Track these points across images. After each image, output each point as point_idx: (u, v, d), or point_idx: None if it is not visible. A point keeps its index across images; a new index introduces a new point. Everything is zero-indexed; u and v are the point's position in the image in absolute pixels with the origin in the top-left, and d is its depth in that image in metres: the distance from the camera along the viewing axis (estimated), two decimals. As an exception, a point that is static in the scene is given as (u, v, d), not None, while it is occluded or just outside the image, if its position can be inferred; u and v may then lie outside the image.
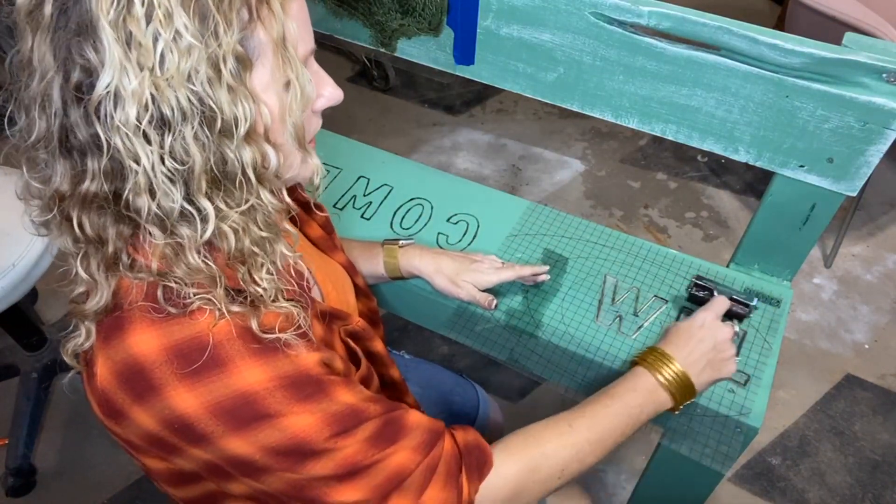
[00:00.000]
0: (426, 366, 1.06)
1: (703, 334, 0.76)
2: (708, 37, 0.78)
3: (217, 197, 0.47)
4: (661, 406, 0.73)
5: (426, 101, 2.43)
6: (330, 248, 0.80)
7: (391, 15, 0.97)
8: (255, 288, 0.51)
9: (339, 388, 0.54)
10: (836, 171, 0.81)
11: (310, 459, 0.52)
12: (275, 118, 0.49)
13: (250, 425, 0.49)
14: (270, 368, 0.50)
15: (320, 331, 0.61)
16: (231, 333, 0.50)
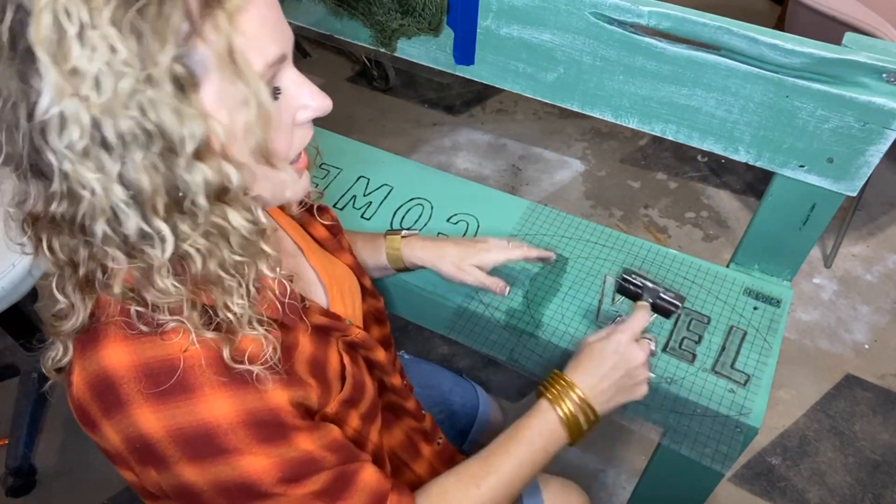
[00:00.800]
0: (426, 366, 1.06)
1: (616, 361, 0.72)
2: (708, 37, 0.78)
3: (177, 218, 0.46)
4: (563, 443, 0.72)
5: (426, 101, 2.43)
6: (336, 249, 0.79)
7: (391, 15, 0.97)
8: (226, 314, 0.50)
9: (302, 434, 0.53)
10: (836, 171, 0.81)
11: (256, 500, 0.52)
12: (232, 136, 0.47)
13: (206, 458, 0.49)
14: (238, 402, 0.50)
15: (310, 349, 0.60)
16: (203, 360, 0.49)
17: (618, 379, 0.72)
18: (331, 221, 0.79)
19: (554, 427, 0.71)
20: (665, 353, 0.88)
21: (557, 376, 0.73)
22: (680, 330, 0.91)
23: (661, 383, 0.85)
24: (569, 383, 0.71)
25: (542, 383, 0.74)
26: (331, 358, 0.63)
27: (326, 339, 0.63)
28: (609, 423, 1.49)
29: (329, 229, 0.78)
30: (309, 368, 0.59)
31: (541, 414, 0.72)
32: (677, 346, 0.89)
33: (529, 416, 0.72)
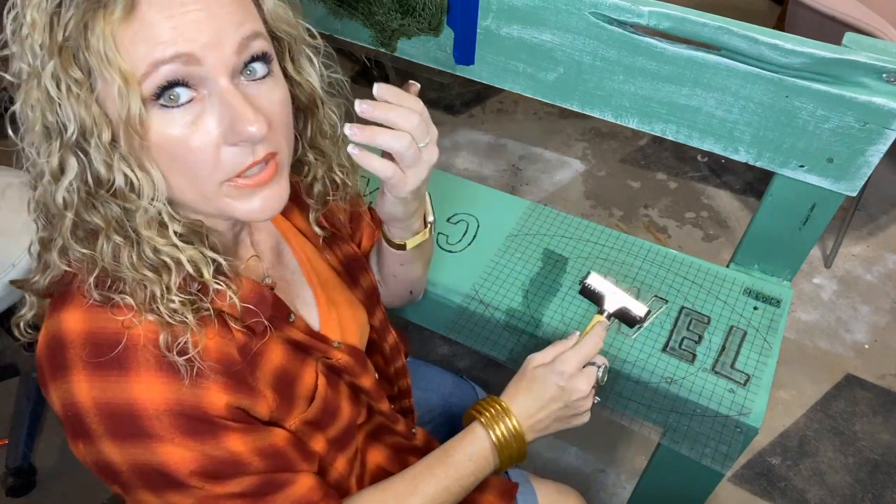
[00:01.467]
0: (425, 367, 1.06)
1: (556, 393, 0.68)
2: (708, 37, 0.78)
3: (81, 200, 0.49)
4: (491, 470, 0.71)
5: (426, 101, 2.43)
6: (348, 283, 0.76)
7: (391, 15, 0.97)
8: (155, 303, 0.50)
9: (233, 435, 0.53)
10: (836, 171, 0.81)
11: (172, 489, 0.51)
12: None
13: (127, 438, 0.49)
14: (169, 391, 0.49)
15: (281, 358, 0.59)
16: (147, 341, 0.49)
17: (556, 410, 0.69)
18: (349, 253, 0.75)
19: (485, 454, 0.69)
20: (665, 353, 0.88)
21: (493, 401, 0.70)
22: (680, 330, 0.91)
23: (661, 383, 0.85)
24: (505, 409, 0.69)
25: (477, 406, 0.71)
26: (304, 376, 0.62)
27: (304, 357, 0.63)
28: (609, 423, 1.49)
29: (343, 262, 0.75)
30: (272, 380, 0.58)
31: (474, 440, 0.69)
32: (677, 346, 0.89)
33: (461, 439, 0.70)
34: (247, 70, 0.49)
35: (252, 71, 0.49)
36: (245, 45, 0.48)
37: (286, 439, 0.58)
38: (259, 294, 0.57)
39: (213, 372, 0.52)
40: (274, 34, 0.53)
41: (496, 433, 0.68)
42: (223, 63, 0.46)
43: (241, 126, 0.47)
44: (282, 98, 0.52)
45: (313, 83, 0.57)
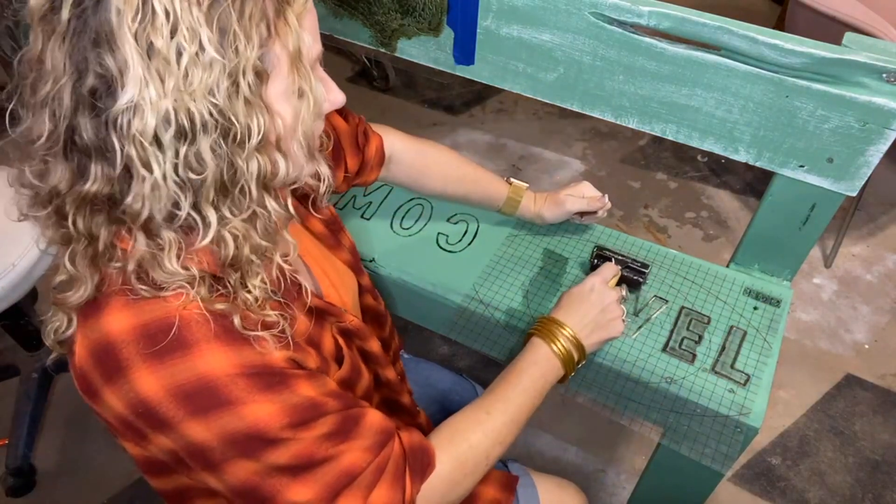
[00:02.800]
0: (425, 365, 1.06)
1: (593, 298, 0.80)
2: (708, 37, 0.78)
3: (223, 205, 0.48)
4: (560, 373, 0.77)
5: (426, 101, 2.43)
6: (334, 245, 0.80)
7: (391, 15, 0.97)
8: (245, 295, 0.52)
9: (302, 381, 0.55)
10: (836, 171, 0.81)
11: (268, 447, 0.52)
12: (287, 128, 0.50)
13: (210, 411, 0.49)
14: (235, 355, 0.50)
15: (306, 326, 0.61)
16: (200, 317, 0.50)
17: (596, 314, 0.79)
18: (327, 215, 0.79)
19: (550, 357, 0.76)
20: (665, 353, 0.88)
21: (545, 319, 0.80)
22: (680, 330, 0.91)
23: (661, 383, 0.85)
24: (556, 321, 0.78)
25: (534, 327, 0.80)
26: (325, 340, 0.64)
27: (321, 323, 0.65)
28: (609, 423, 1.49)
29: (326, 225, 0.79)
30: (307, 342, 0.60)
31: (535, 348, 0.77)
32: (677, 346, 0.89)
33: (526, 352, 0.77)
34: None
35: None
36: None
37: (337, 385, 0.61)
38: (282, 268, 0.59)
39: (270, 336, 0.53)
40: None
41: (556, 344, 0.76)
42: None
43: (335, 97, 0.57)
44: None
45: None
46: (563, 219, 1.02)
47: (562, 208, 1.00)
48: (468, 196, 1.00)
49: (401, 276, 0.98)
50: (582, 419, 1.53)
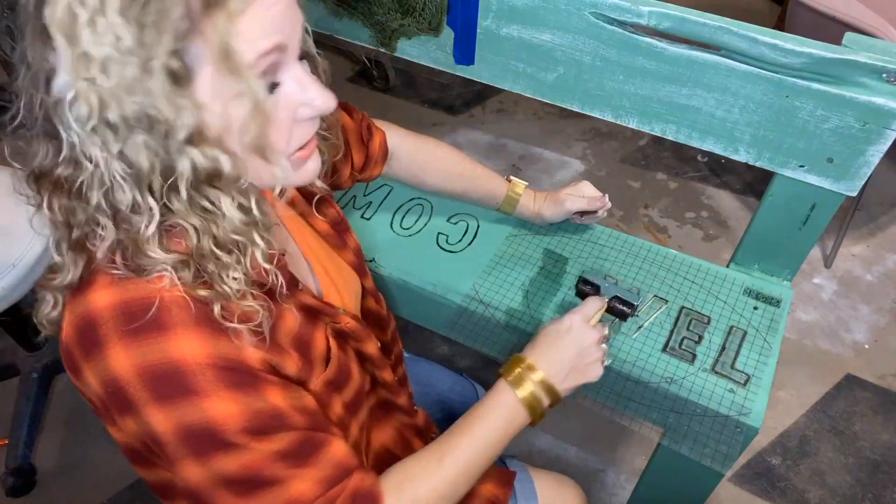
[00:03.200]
0: (424, 364, 1.06)
1: (568, 340, 0.73)
2: (708, 37, 0.78)
3: (173, 196, 0.48)
4: (526, 420, 0.72)
5: (426, 101, 2.43)
6: (339, 245, 0.79)
7: (391, 15, 0.97)
8: (223, 286, 0.51)
9: (273, 387, 0.54)
10: (836, 171, 0.81)
11: (219, 450, 0.51)
12: (227, 127, 0.49)
13: (173, 398, 0.49)
14: (210, 345, 0.50)
15: (295, 324, 0.60)
16: (182, 301, 0.50)
17: (572, 356, 0.73)
18: (334, 216, 0.78)
19: (514, 405, 0.71)
20: (665, 353, 0.88)
21: (516, 359, 0.74)
22: (680, 330, 0.91)
23: (661, 383, 0.85)
24: (527, 364, 0.72)
25: (504, 366, 0.74)
26: (316, 340, 0.63)
27: (314, 322, 0.64)
28: (609, 423, 1.49)
29: (332, 225, 0.78)
30: (292, 342, 0.59)
31: (501, 394, 0.71)
32: (677, 346, 0.89)
33: (490, 396, 0.72)
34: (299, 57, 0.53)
35: (300, 57, 0.53)
36: (304, 33, 0.52)
37: (314, 402, 0.60)
38: (279, 261, 0.59)
39: (249, 332, 0.52)
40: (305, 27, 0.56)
41: (522, 388, 0.71)
42: (296, 50, 0.51)
43: (322, 102, 0.52)
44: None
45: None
46: (563, 218, 1.02)
47: (561, 207, 1.00)
48: (467, 193, 1.00)
49: (401, 276, 0.98)
50: (582, 419, 1.53)
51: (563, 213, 1.00)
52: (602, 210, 1.00)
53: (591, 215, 1.02)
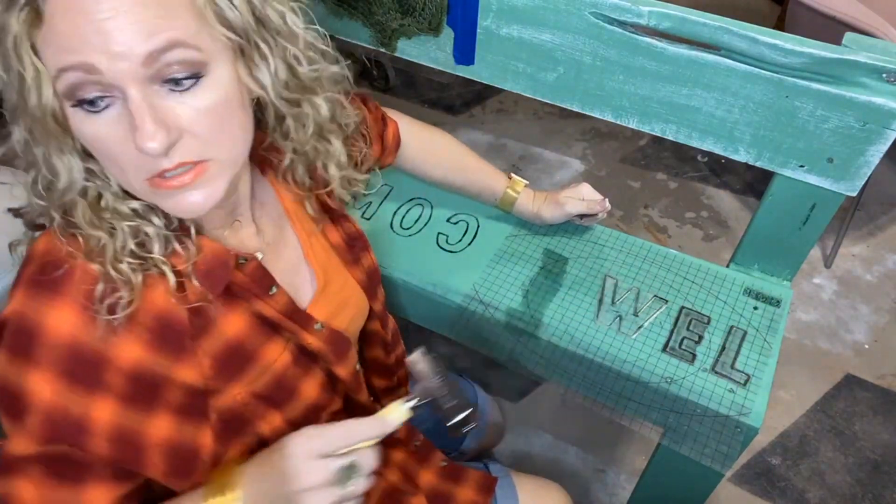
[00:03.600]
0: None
1: (286, 473, 0.55)
2: (708, 37, 0.78)
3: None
4: None
5: (426, 101, 2.43)
6: (349, 261, 0.76)
7: (391, 15, 0.97)
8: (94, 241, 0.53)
9: (109, 400, 0.52)
10: (836, 171, 0.81)
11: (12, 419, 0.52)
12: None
13: (14, 351, 0.51)
14: (80, 332, 0.51)
15: (234, 330, 0.59)
16: (85, 279, 0.51)
17: (282, 496, 0.55)
18: (351, 230, 0.76)
19: None
20: (665, 353, 0.88)
21: (226, 471, 0.60)
22: (680, 330, 0.91)
23: (661, 383, 0.85)
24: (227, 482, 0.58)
25: (215, 473, 0.60)
26: (264, 352, 0.61)
27: (270, 333, 0.62)
28: (609, 423, 1.49)
29: (347, 239, 0.76)
30: (220, 349, 0.58)
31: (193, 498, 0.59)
32: (677, 346, 0.89)
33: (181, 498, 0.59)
34: (168, 79, 0.48)
35: (174, 79, 0.48)
36: (155, 57, 0.46)
37: (252, 399, 0.58)
38: (220, 261, 0.58)
39: (142, 327, 0.53)
40: (228, 36, 0.51)
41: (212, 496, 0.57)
42: (128, 74, 0.46)
43: (138, 140, 0.47)
44: (210, 105, 0.50)
45: (266, 86, 0.54)
46: (562, 220, 1.02)
47: (561, 210, 1.00)
48: (466, 186, 1.00)
49: (401, 276, 0.98)
50: (582, 419, 1.53)
51: (562, 215, 1.00)
52: (602, 213, 1.00)
53: (591, 217, 1.02)
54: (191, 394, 0.56)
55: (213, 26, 0.49)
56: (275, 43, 0.54)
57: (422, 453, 0.85)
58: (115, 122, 0.48)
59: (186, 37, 0.47)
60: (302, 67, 0.57)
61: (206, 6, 0.48)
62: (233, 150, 0.54)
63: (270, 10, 0.53)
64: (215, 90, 0.50)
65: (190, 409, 0.57)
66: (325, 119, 0.62)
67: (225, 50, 0.51)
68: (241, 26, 0.51)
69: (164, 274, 0.54)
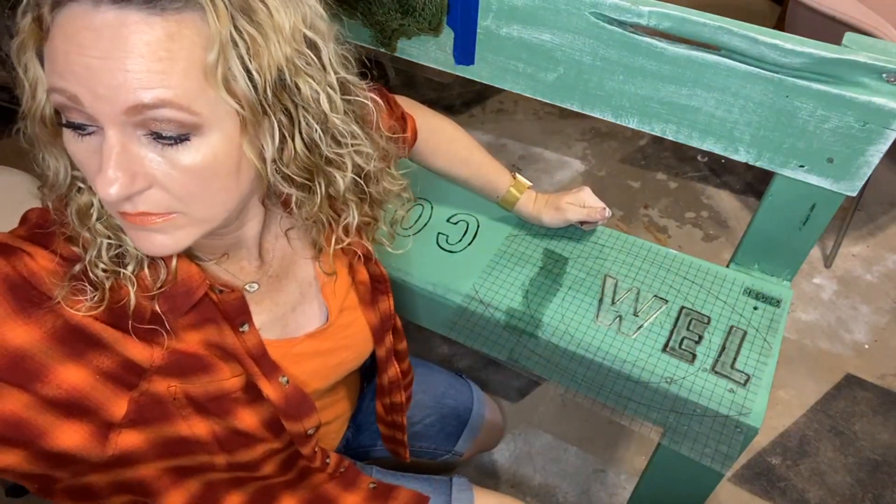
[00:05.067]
0: (421, 367, 1.06)
1: None
2: (708, 37, 0.78)
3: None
4: None
5: (426, 101, 2.42)
6: (367, 301, 0.75)
7: (391, 15, 0.97)
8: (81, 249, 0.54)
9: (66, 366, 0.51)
10: (836, 171, 0.81)
11: None
12: None
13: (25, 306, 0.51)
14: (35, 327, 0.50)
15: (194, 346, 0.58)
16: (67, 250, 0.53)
17: None
18: (376, 272, 0.75)
19: None
20: (665, 353, 0.88)
21: None
22: (680, 330, 0.91)
23: (661, 383, 0.85)
24: None
25: None
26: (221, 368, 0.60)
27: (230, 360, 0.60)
28: (609, 423, 1.49)
29: (371, 279, 0.74)
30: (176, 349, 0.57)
31: None
32: (677, 346, 0.89)
33: None
34: (152, 131, 0.46)
35: (158, 133, 0.46)
36: (139, 110, 0.44)
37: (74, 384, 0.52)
38: (186, 287, 0.56)
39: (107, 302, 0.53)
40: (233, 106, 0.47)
41: None
42: (108, 116, 0.44)
43: (98, 182, 0.45)
44: (192, 166, 0.47)
45: (267, 162, 0.52)
46: (562, 225, 1.02)
47: (562, 215, 0.99)
48: (469, 180, 1.00)
49: (401, 276, 0.98)
50: (582, 419, 1.53)
51: (562, 221, 1.00)
52: (602, 220, 1.00)
53: (591, 224, 1.02)
54: (127, 367, 0.55)
55: (218, 92, 0.45)
56: (300, 119, 0.51)
57: (347, 477, 0.80)
58: (93, 151, 0.46)
59: (181, 98, 0.44)
60: (323, 147, 0.53)
61: (217, 70, 0.45)
62: (209, 212, 0.51)
63: (304, 85, 0.50)
64: (202, 153, 0.47)
65: (116, 376, 0.54)
66: (341, 192, 0.58)
67: (228, 117, 0.47)
68: (253, 99, 0.47)
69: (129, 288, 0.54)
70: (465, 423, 1.06)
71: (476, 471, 1.43)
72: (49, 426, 0.51)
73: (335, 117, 0.53)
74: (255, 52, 0.46)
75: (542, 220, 1.01)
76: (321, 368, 0.71)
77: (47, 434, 0.51)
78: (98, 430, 0.54)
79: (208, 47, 0.44)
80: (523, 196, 1.00)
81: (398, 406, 0.87)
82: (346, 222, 0.62)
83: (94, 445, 0.53)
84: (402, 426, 0.90)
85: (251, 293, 0.64)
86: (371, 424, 0.98)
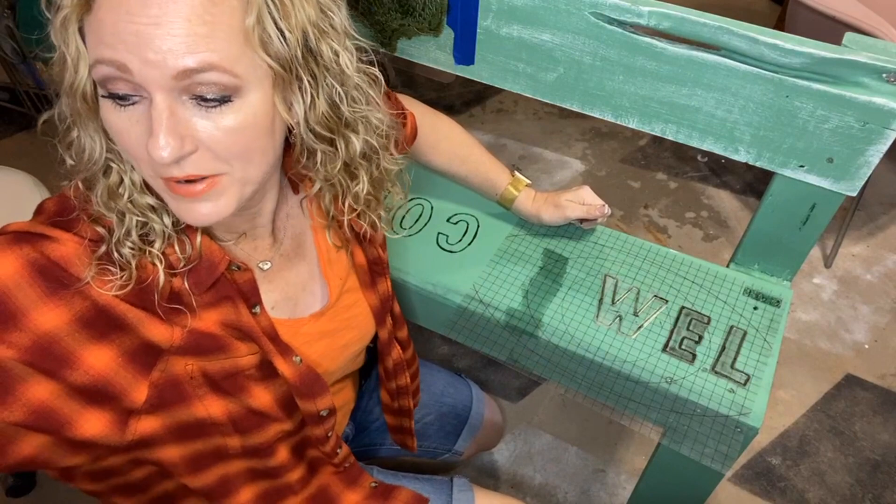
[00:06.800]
0: (420, 366, 1.06)
1: None
2: (708, 37, 0.78)
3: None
4: None
5: (426, 101, 2.42)
6: (366, 283, 0.76)
7: (391, 15, 0.97)
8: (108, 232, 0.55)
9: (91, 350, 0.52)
10: (836, 171, 0.81)
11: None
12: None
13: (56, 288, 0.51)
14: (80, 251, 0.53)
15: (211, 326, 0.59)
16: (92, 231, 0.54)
17: None
18: (374, 254, 0.75)
19: None
20: (665, 353, 0.88)
21: None
22: (680, 330, 0.91)
23: (661, 383, 0.85)
24: None
25: None
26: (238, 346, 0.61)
27: (247, 340, 0.61)
28: (609, 423, 1.49)
29: (369, 262, 0.75)
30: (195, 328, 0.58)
31: None
32: (677, 346, 0.89)
33: None
34: (196, 95, 0.48)
35: (202, 97, 0.48)
36: (187, 74, 0.46)
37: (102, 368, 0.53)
38: (208, 262, 0.58)
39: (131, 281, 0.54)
40: (270, 65, 0.50)
41: None
42: (157, 82, 0.46)
43: (149, 147, 0.47)
44: (234, 126, 0.50)
45: (300, 119, 0.55)
46: (562, 223, 1.02)
47: (561, 213, 0.99)
48: (468, 177, 0.99)
49: (400, 276, 0.98)
50: (582, 419, 1.53)
51: (561, 218, 1.00)
52: (602, 218, 1.00)
53: (591, 222, 1.02)
54: (147, 349, 0.56)
55: (256, 52, 0.49)
56: (323, 79, 0.54)
57: (351, 474, 0.81)
58: (137, 120, 0.49)
59: (225, 61, 0.47)
60: (343, 106, 0.56)
61: (254, 32, 0.48)
62: (248, 171, 0.54)
63: (325, 47, 0.53)
64: (243, 113, 0.50)
65: (137, 359, 0.55)
66: (355, 156, 0.61)
67: (265, 77, 0.50)
68: (287, 58, 0.50)
69: (156, 266, 0.55)
70: (465, 422, 1.06)
71: (476, 471, 1.43)
72: (74, 414, 0.52)
73: (353, 78, 0.57)
74: (285, 14, 0.49)
75: (542, 218, 1.01)
76: (328, 350, 0.72)
77: (72, 423, 0.52)
78: (119, 416, 0.55)
79: (247, 10, 0.47)
80: (522, 193, 1.00)
81: (404, 389, 0.88)
82: (357, 189, 0.64)
83: (114, 432, 0.55)
84: (410, 411, 0.90)
85: (265, 271, 0.66)
86: (371, 424, 0.98)
